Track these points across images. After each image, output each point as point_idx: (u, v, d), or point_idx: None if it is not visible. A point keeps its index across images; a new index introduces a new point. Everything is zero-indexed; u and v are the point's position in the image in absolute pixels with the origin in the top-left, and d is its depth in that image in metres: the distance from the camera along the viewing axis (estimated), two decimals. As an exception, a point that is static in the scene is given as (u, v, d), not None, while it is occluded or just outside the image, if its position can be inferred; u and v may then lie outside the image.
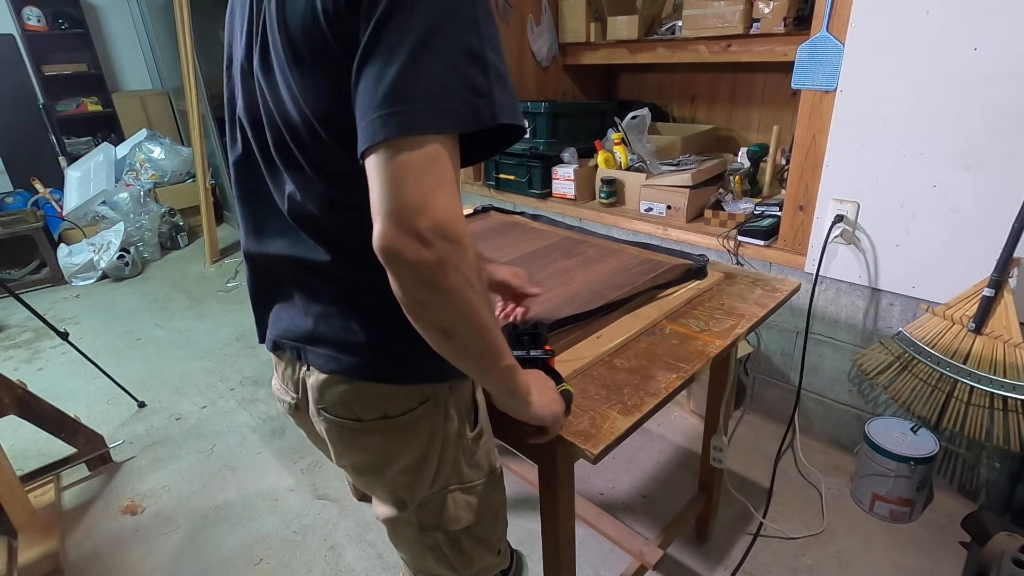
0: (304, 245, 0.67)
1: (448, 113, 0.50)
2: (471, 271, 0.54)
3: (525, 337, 0.84)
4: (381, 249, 0.51)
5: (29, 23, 4.21)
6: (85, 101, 4.58)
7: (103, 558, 1.61)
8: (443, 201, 0.51)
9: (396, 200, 0.50)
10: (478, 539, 0.83)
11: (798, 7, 1.78)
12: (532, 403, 0.70)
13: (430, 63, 0.49)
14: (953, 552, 1.46)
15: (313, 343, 0.70)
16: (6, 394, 1.66)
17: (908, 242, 1.51)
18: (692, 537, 1.57)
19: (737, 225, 1.89)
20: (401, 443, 0.72)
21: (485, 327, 0.58)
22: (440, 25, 0.50)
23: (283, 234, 0.69)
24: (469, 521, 0.80)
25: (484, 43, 0.53)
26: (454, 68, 0.51)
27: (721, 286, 1.21)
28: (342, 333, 0.68)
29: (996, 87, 1.28)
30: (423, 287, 0.53)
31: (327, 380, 0.69)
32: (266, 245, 0.71)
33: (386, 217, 0.50)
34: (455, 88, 0.51)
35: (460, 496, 0.78)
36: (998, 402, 1.32)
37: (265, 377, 2.48)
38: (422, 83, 0.50)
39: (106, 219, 3.91)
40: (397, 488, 0.75)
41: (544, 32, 2.50)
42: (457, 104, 0.51)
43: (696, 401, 2.08)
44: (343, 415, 0.70)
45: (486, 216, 1.70)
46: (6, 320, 3.18)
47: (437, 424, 0.72)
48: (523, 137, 0.60)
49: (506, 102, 0.54)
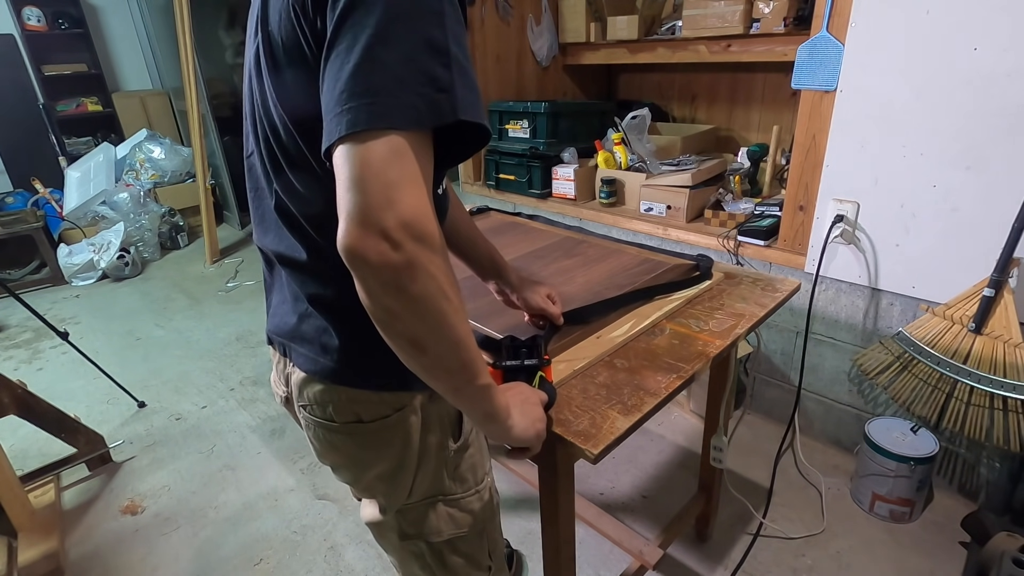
0: (288, 242, 0.67)
1: (405, 107, 0.48)
2: (444, 277, 0.50)
3: (523, 349, 0.83)
4: (344, 250, 0.48)
5: (29, 23, 4.21)
6: (85, 101, 4.58)
7: (103, 558, 1.61)
8: (410, 197, 0.47)
9: (358, 196, 0.47)
10: (462, 553, 0.81)
11: (798, 7, 1.78)
12: (512, 425, 0.66)
13: (387, 56, 0.47)
14: (953, 552, 1.46)
15: (296, 341, 0.70)
16: (6, 394, 1.66)
17: (908, 242, 1.51)
18: (692, 537, 1.57)
19: (737, 225, 1.89)
20: (374, 449, 0.71)
21: (459, 341, 0.54)
22: (399, 16, 0.48)
23: (274, 229, 0.69)
24: (451, 534, 0.78)
25: (448, 36, 0.50)
26: (413, 61, 0.48)
27: (721, 286, 1.21)
28: (319, 334, 0.68)
29: (996, 87, 1.28)
30: (389, 292, 0.49)
31: (305, 379, 0.70)
32: (264, 239, 0.72)
33: (349, 215, 0.47)
34: (413, 81, 0.48)
35: (443, 508, 0.77)
36: (998, 402, 1.32)
37: (265, 377, 2.48)
38: (378, 77, 0.47)
39: (106, 219, 3.91)
40: (376, 493, 0.75)
41: (544, 32, 2.50)
42: (414, 98, 0.48)
43: (696, 401, 2.08)
44: (319, 415, 0.71)
45: (486, 216, 1.70)
46: (6, 320, 3.18)
47: (412, 434, 0.71)
48: (489, 140, 0.56)
49: (468, 98, 0.51)
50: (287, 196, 0.64)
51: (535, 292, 0.97)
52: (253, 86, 0.65)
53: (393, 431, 0.70)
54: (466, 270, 1.00)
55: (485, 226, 1.62)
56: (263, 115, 0.62)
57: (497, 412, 0.63)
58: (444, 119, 0.50)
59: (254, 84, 0.64)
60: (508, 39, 2.47)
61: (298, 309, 0.70)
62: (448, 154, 0.56)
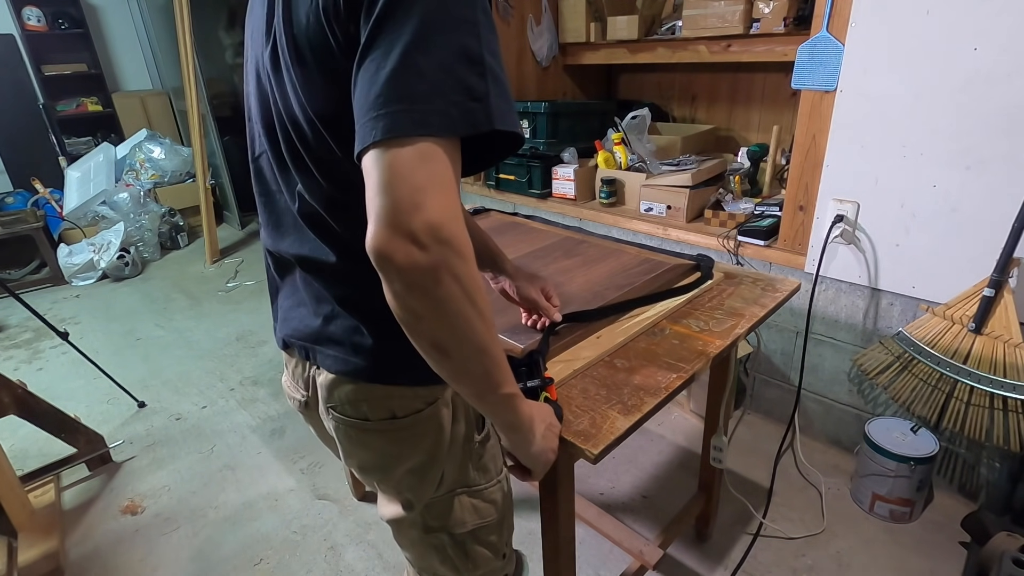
0: (312, 244, 0.66)
1: (439, 115, 0.49)
2: (471, 282, 0.51)
3: (522, 368, 0.82)
4: (372, 251, 0.49)
5: (29, 23, 4.21)
6: (85, 101, 4.58)
7: (103, 558, 1.61)
8: (438, 201, 0.48)
9: (387, 199, 0.48)
10: (484, 542, 0.82)
11: (798, 7, 1.78)
12: (533, 442, 0.68)
13: (424, 63, 0.48)
14: (953, 552, 1.46)
15: (321, 343, 0.70)
16: (6, 394, 1.66)
17: (908, 242, 1.51)
18: (692, 537, 1.57)
19: (737, 225, 1.89)
20: (408, 444, 0.72)
21: (483, 347, 0.55)
22: (437, 25, 0.49)
23: (294, 232, 0.69)
24: (475, 524, 0.79)
25: (483, 46, 0.51)
26: (449, 69, 0.49)
27: (721, 286, 1.21)
28: (349, 334, 0.68)
29: (996, 87, 1.28)
30: (414, 294, 0.50)
31: (335, 380, 0.70)
32: (280, 242, 0.72)
33: (377, 217, 0.48)
34: (448, 90, 0.49)
35: (467, 499, 0.78)
36: (998, 402, 1.32)
37: (265, 377, 2.48)
38: (414, 84, 0.48)
39: (106, 219, 3.91)
40: (403, 489, 0.75)
41: (544, 32, 2.50)
42: (449, 106, 0.49)
43: (696, 401, 2.08)
44: (351, 414, 0.71)
45: (486, 216, 1.70)
46: (6, 320, 3.18)
47: (444, 426, 0.72)
48: (521, 147, 0.57)
49: (503, 108, 0.52)
50: (312, 196, 0.63)
51: (531, 283, 0.98)
52: (267, 88, 0.64)
53: (426, 424, 0.71)
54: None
55: (485, 226, 1.62)
56: (283, 114, 0.62)
57: (521, 423, 0.65)
58: (478, 128, 0.51)
59: (270, 86, 0.63)
60: (508, 39, 2.47)
61: (322, 311, 0.70)
62: (478, 159, 0.57)
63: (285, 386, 0.85)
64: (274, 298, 0.80)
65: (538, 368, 0.83)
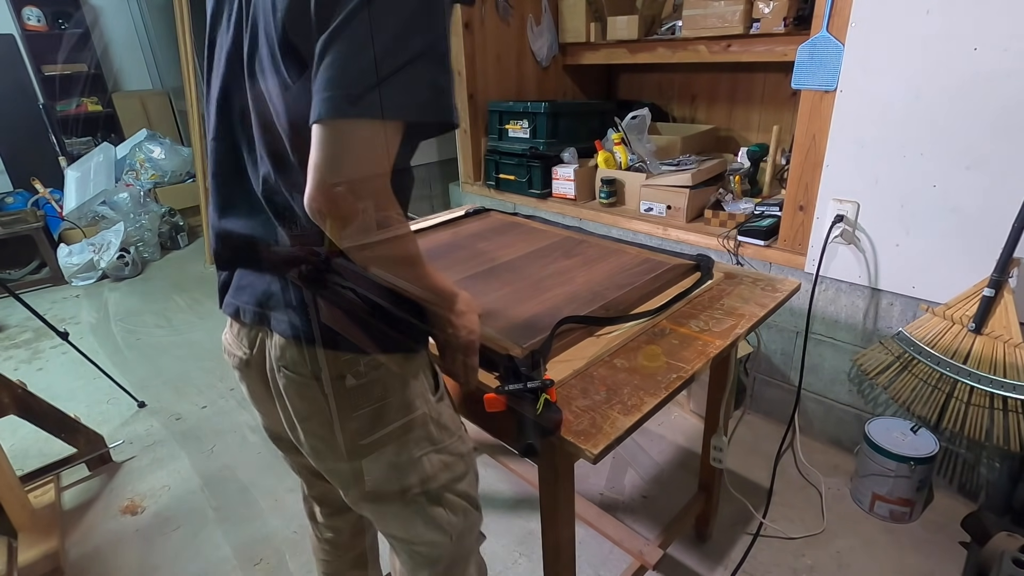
0: (270, 225, 0.70)
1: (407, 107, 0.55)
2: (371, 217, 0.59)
3: (523, 368, 0.83)
4: (307, 207, 0.57)
5: (29, 23, 4.21)
6: (85, 101, 4.58)
7: (103, 558, 1.61)
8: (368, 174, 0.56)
9: (324, 168, 0.55)
10: (459, 493, 0.87)
11: (798, 7, 1.78)
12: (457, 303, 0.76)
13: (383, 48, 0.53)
14: (953, 552, 1.46)
15: (276, 310, 0.73)
16: (6, 394, 1.66)
17: (908, 242, 1.51)
18: (692, 537, 1.57)
19: (737, 225, 1.89)
20: (357, 403, 0.75)
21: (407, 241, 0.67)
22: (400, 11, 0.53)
23: (252, 213, 0.72)
24: (447, 478, 0.83)
25: (445, 38, 0.56)
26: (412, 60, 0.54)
27: (721, 286, 1.21)
28: (303, 304, 0.71)
29: (996, 87, 1.28)
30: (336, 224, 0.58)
31: (288, 342, 0.72)
32: (232, 222, 0.75)
33: (313, 180, 0.56)
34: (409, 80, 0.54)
35: (435, 456, 0.82)
36: (998, 402, 1.32)
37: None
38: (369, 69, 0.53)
39: (106, 219, 3.91)
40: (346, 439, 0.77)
41: (544, 32, 2.50)
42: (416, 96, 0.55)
43: (696, 401, 2.08)
44: (302, 372, 0.73)
45: (486, 216, 1.70)
46: (6, 320, 3.17)
47: (397, 386, 0.75)
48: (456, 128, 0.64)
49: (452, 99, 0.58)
50: (281, 179, 0.67)
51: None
52: (241, 70, 0.66)
53: (375, 386, 0.74)
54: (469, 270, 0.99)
55: (485, 226, 1.62)
56: (258, 100, 0.64)
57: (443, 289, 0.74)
58: (440, 117, 0.58)
59: (246, 69, 0.65)
60: (508, 39, 2.47)
61: (276, 284, 0.73)
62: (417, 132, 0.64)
63: (226, 342, 0.88)
64: (221, 269, 0.83)
65: (538, 369, 0.83)
